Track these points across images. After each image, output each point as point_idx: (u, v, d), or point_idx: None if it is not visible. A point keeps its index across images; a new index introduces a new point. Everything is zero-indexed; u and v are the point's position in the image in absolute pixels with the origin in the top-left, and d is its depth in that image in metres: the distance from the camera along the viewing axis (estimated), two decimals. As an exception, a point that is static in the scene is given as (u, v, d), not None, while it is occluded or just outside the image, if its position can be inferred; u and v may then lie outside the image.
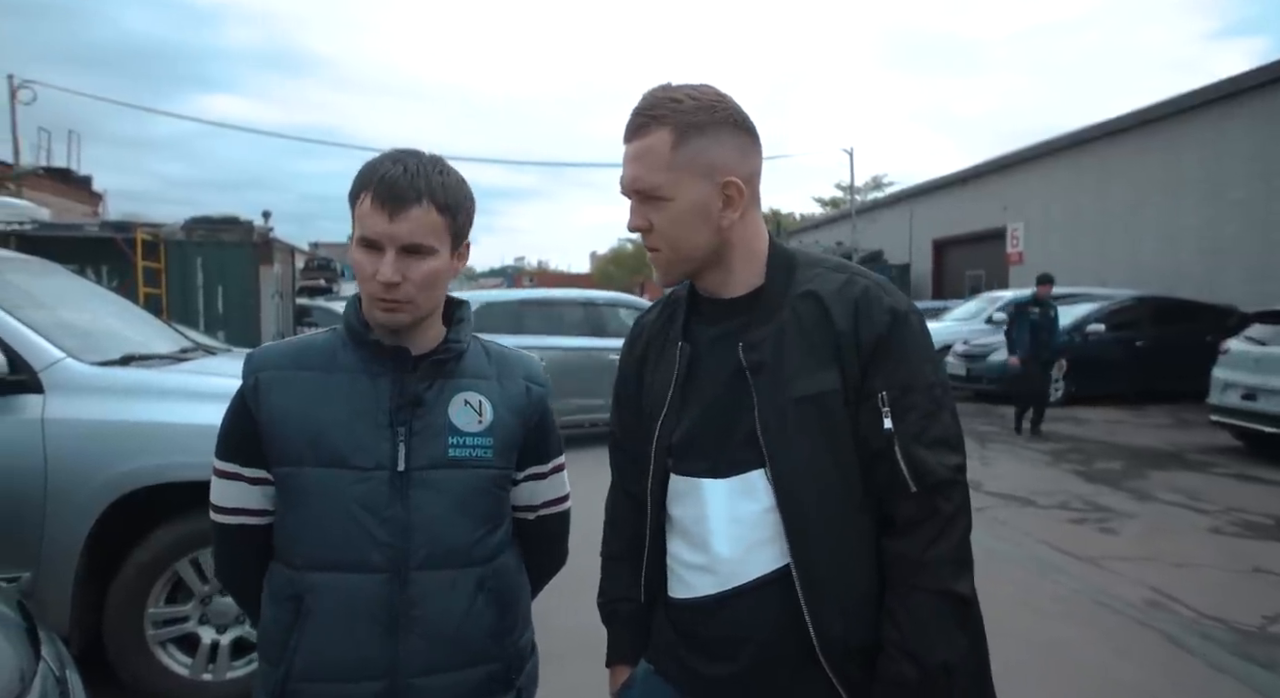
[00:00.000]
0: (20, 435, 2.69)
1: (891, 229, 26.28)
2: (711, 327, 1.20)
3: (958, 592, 1.08)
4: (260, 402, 1.23)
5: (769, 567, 1.12)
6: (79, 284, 3.97)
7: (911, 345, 1.12)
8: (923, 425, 1.09)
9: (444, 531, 1.24)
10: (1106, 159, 16.82)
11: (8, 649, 1.58)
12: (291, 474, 1.23)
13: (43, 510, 2.68)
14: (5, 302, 2.90)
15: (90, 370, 2.86)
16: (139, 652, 2.81)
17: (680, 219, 1.13)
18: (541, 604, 1.43)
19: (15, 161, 18.98)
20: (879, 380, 1.09)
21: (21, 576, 2.67)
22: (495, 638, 1.28)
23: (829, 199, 42.66)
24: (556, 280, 70.49)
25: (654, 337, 1.29)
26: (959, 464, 1.11)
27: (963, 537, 1.10)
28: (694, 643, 1.19)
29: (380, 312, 1.21)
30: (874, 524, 1.12)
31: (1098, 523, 5.67)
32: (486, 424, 1.28)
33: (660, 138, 1.12)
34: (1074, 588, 4.33)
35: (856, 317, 1.11)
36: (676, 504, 1.22)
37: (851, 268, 1.18)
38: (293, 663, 1.21)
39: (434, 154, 1.24)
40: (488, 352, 1.36)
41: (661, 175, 1.12)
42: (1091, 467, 7.60)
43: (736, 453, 1.14)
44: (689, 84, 1.16)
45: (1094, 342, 11.76)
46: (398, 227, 1.17)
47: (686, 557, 1.20)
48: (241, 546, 1.30)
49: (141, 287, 11.91)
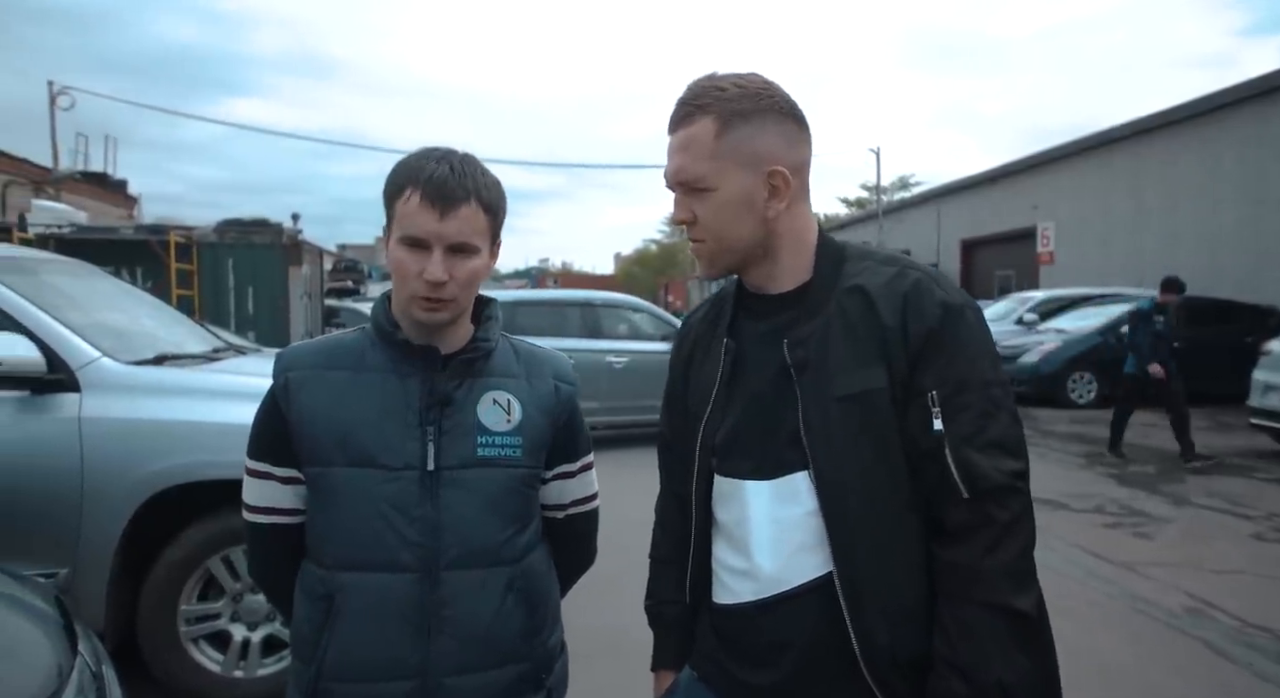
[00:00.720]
0: (57, 433, 2.74)
1: (919, 229, 26.02)
2: (758, 323, 1.17)
3: (1016, 607, 1.00)
4: (290, 401, 1.23)
5: (812, 574, 1.08)
6: (115, 285, 4.03)
7: (966, 341, 1.05)
8: (977, 427, 1.03)
9: (473, 530, 1.23)
10: (1140, 157, 16.52)
11: (46, 645, 1.60)
12: (321, 474, 1.22)
13: (79, 508, 2.72)
14: (44, 302, 2.95)
15: (125, 370, 2.90)
16: (172, 648, 2.84)
17: (724, 210, 1.10)
18: (569, 604, 1.42)
19: (54, 166, 19.37)
20: (929, 378, 1.04)
21: (59, 572, 2.72)
22: (525, 638, 1.28)
23: (854, 200, 42.33)
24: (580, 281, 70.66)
25: (701, 335, 1.26)
26: (1018, 470, 1.03)
27: (1023, 548, 1.03)
28: (736, 650, 1.16)
29: (422, 311, 1.20)
30: (923, 530, 1.06)
31: (1133, 528, 5.56)
32: (515, 423, 1.27)
33: (704, 127, 1.09)
34: (1109, 594, 4.24)
35: (905, 311, 1.05)
36: (720, 507, 1.19)
37: (903, 260, 1.13)
38: (324, 662, 1.21)
39: (467, 152, 1.24)
40: (516, 350, 1.35)
41: (705, 165, 1.09)
42: (1126, 470, 7.46)
43: (780, 454, 1.10)
44: (735, 73, 1.12)
45: (1128, 343, 11.54)
46: (447, 226, 1.17)
47: (729, 561, 1.17)
48: (274, 544, 1.30)
49: (174, 288, 12.12)
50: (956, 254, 23.71)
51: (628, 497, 2.95)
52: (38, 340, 2.75)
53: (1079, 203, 18.28)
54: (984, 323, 1.10)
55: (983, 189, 22.67)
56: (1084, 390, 11.57)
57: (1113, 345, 11.50)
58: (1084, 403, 11.48)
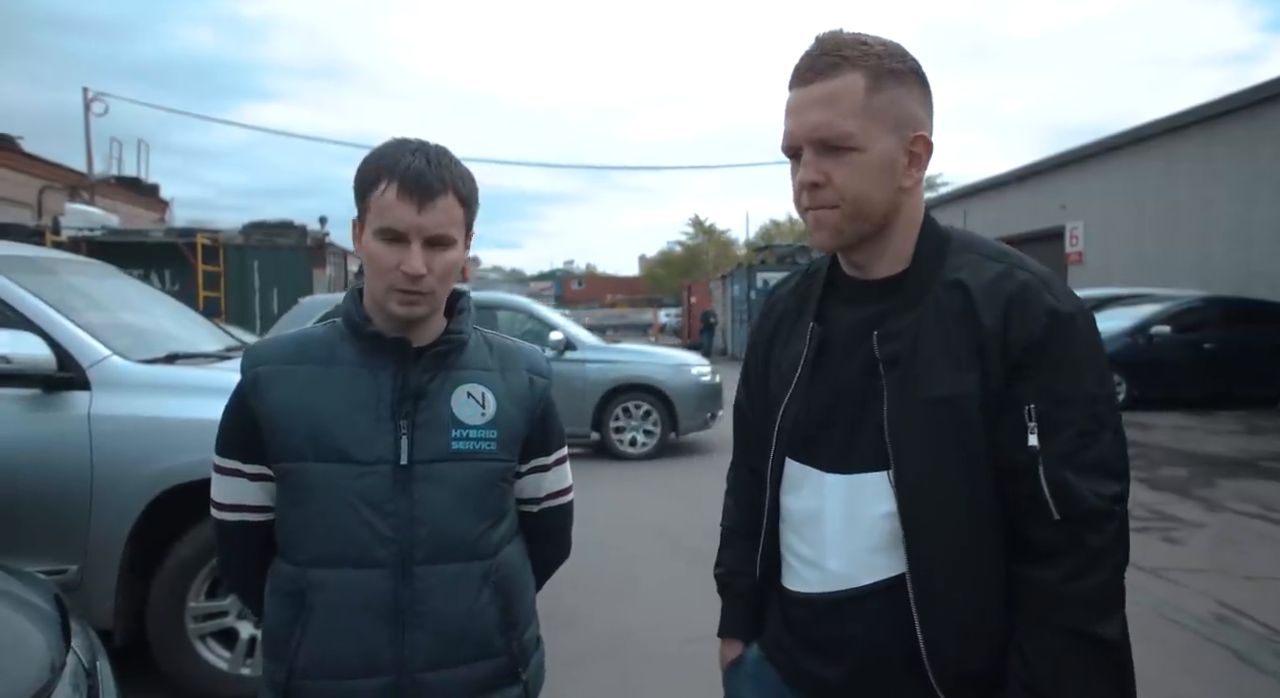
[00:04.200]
0: (68, 431, 2.76)
1: (945, 230, 25.73)
2: (848, 309, 1.11)
3: (1099, 634, 0.97)
4: (260, 397, 1.21)
5: (883, 574, 1.05)
6: (132, 285, 4.07)
7: (1074, 353, 0.99)
8: (1076, 446, 0.97)
9: (448, 524, 1.21)
10: (1172, 155, 16.20)
11: (40, 641, 1.61)
12: (292, 470, 1.20)
13: (88, 505, 2.74)
14: (57, 301, 2.97)
15: (135, 368, 2.91)
16: (180, 645, 2.85)
17: (868, 173, 1.02)
18: (581, 605, 1.38)
19: (89, 171, 19.76)
20: (1029, 390, 0.98)
21: (69, 568, 2.74)
22: (501, 632, 1.26)
23: (880, 200, 41.89)
24: (605, 284, 70.75)
25: (788, 310, 1.21)
26: (1117, 494, 0.98)
27: (1113, 575, 0.98)
28: (802, 640, 1.14)
29: (398, 305, 1.18)
30: (1002, 543, 1.02)
31: (1162, 533, 5.42)
32: (490, 417, 1.25)
33: (853, 81, 1.01)
34: (1134, 600, 4.07)
35: (1008, 316, 0.99)
36: (792, 492, 1.15)
37: (1013, 256, 1.06)
38: (297, 659, 1.19)
39: (440, 144, 1.22)
40: (489, 343, 1.33)
41: (854, 122, 1.01)
42: (1156, 474, 7.28)
43: (860, 450, 1.05)
44: (871, 33, 1.05)
45: (1158, 344, 11.32)
46: (426, 218, 1.15)
47: (799, 549, 1.14)
48: (243, 542, 1.29)
49: (201, 289, 12.31)
50: (983, 255, 23.41)
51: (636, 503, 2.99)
52: (49, 338, 2.77)
53: (1108, 202, 17.97)
54: (1095, 333, 1.03)
55: (1009, 189, 22.38)
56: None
57: (1142, 346, 11.30)
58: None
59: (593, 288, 71.07)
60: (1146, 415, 10.60)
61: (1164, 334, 11.36)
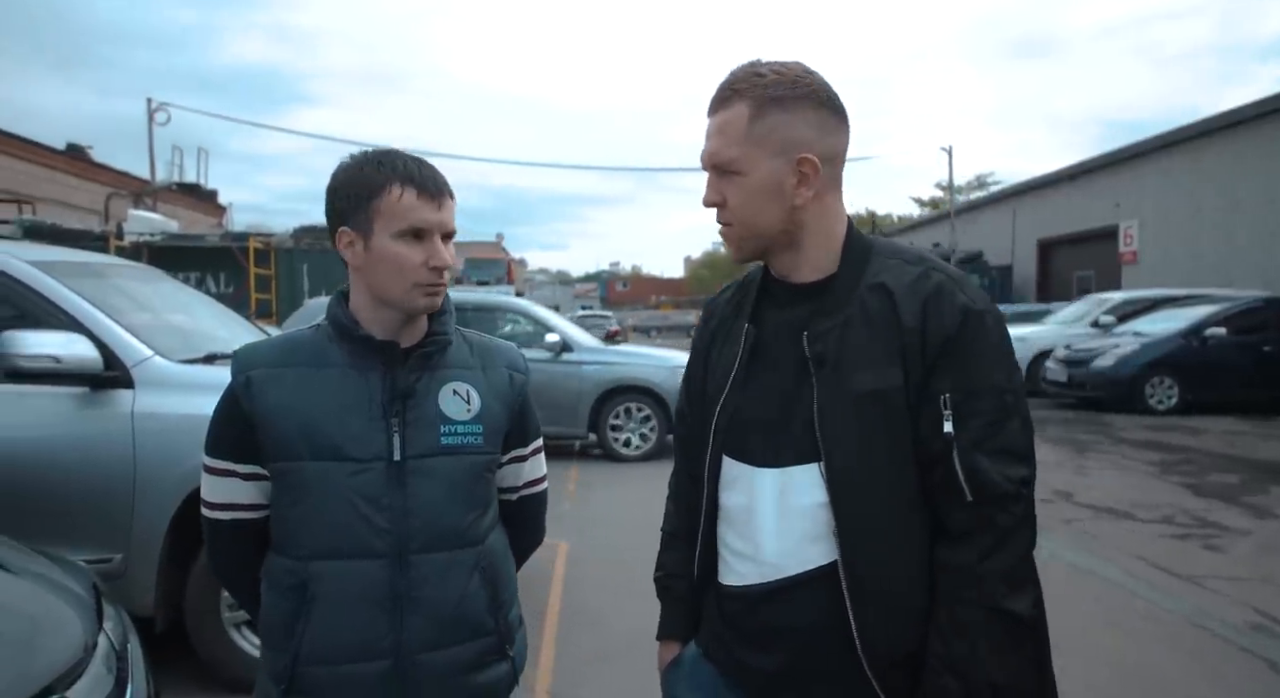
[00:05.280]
0: (113, 428, 2.92)
1: (993, 229, 25.22)
2: (780, 311, 1.19)
3: (1011, 610, 1.03)
4: (254, 399, 1.27)
5: (815, 563, 1.10)
6: (179, 288, 4.27)
7: (983, 347, 1.06)
8: (986, 433, 1.04)
9: (440, 515, 1.28)
10: (1235, 150, 15.63)
11: (76, 623, 1.72)
12: (289, 469, 1.26)
13: (131, 498, 2.90)
14: (105, 304, 3.15)
15: (176, 368, 3.07)
16: (215, 633, 2.99)
17: (752, 194, 1.12)
18: (603, 606, 1.44)
19: (151, 178, 20.51)
20: (944, 382, 1.05)
21: (113, 558, 2.90)
22: (491, 613, 1.33)
23: (928, 199, 41.33)
24: (650, 285, 70.85)
25: (725, 317, 1.28)
26: (1024, 477, 1.05)
27: (1023, 553, 1.05)
28: (738, 632, 1.18)
29: (423, 298, 1.26)
30: (928, 530, 1.08)
31: (1203, 540, 5.27)
32: (475, 412, 1.32)
33: (739, 111, 1.11)
34: (1168, 608, 4.04)
35: (926, 313, 1.06)
36: (728, 489, 1.21)
37: (930, 260, 1.14)
38: (301, 648, 1.25)
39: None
40: (469, 342, 1.40)
41: (737, 149, 1.11)
42: (1203, 480, 7.07)
43: (791, 444, 1.12)
44: (777, 60, 1.14)
45: (1213, 346, 10.97)
46: (442, 215, 1.26)
47: (735, 544, 1.20)
48: (234, 540, 1.35)
49: (253, 292, 12.69)
50: (1033, 254, 22.89)
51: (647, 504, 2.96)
52: (96, 339, 2.93)
53: (1165, 200, 17.43)
54: (1004, 329, 1.10)
55: (1061, 187, 21.84)
56: (1164, 396, 11.01)
57: (1196, 349, 10.95)
58: (1164, 409, 10.92)
59: (638, 289, 71.16)
60: (1198, 420, 10.28)
61: (1220, 336, 11.00)
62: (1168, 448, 8.56)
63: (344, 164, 1.29)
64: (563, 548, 4.92)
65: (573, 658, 3.44)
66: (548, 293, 55.81)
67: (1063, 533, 5.35)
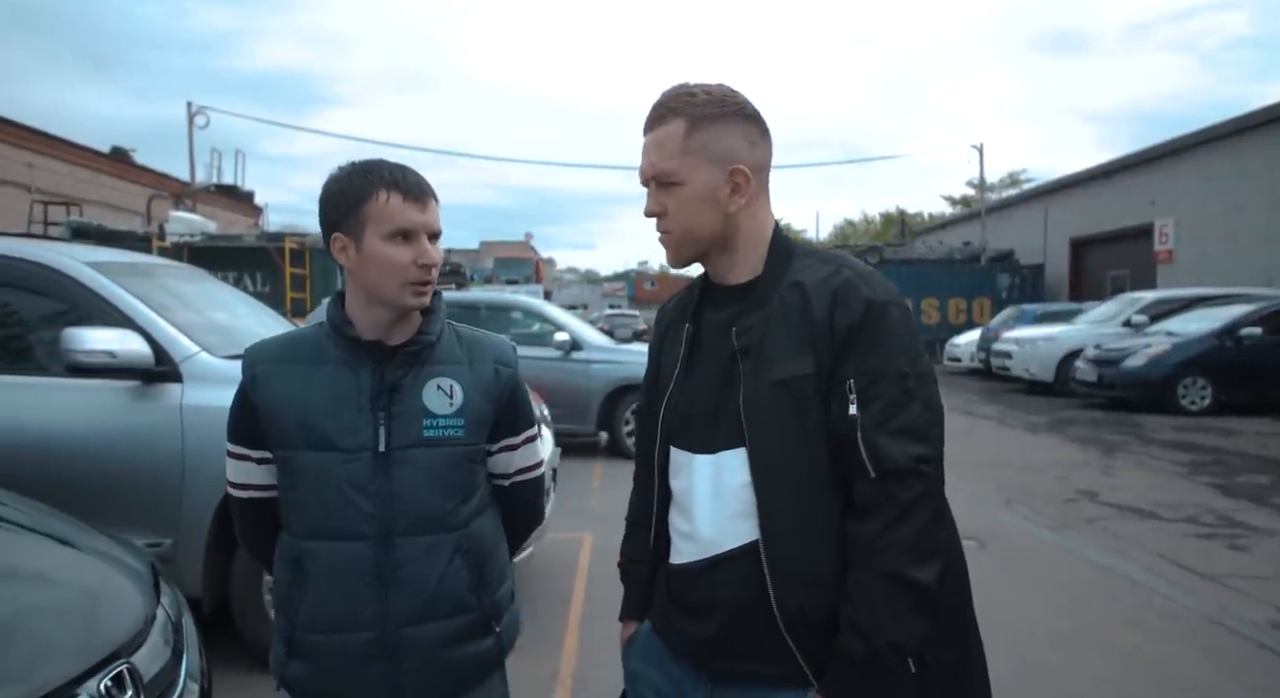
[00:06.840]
0: (163, 420, 3.10)
1: (1025, 228, 24.92)
2: (715, 311, 1.30)
3: (911, 577, 1.11)
4: (259, 392, 1.38)
5: (742, 540, 1.20)
6: (221, 288, 4.46)
7: (885, 335, 1.16)
8: (888, 414, 1.13)
9: (422, 501, 1.38)
10: (1275, 147, 15.30)
11: (138, 599, 1.87)
12: (288, 457, 1.38)
13: (180, 486, 3.07)
14: (155, 303, 3.33)
15: (220, 363, 3.23)
16: (258, 615, 3.14)
17: (691, 202, 1.22)
18: (613, 603, 1.52)
19: (191, 179, 21.00)
20: (849, 368, 1.15)
21: (164, 542, 3.07)
22: (474, 592, 1.43)
23: (960, 198, 40.86)
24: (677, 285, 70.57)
25: (672, 320, 1.40)
26: (922, 455, 1.14)
27: (924, 525, 1.13)
28: (680, 604, 1.29)
29: (413, 297, 1.36)
30: (841, 506, 1.17)
31: (1228, 539, 5.25)
32: (457, 406, 1.41)
33: (675, 127, 1.22)
34: (1188, 605, 4.06)
35: (833, 306, 1.17)
36: (674, 476, 1.32)
37: (841, 260, 1.25)
38: (297, 616, 1.38)
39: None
40: (460, 336, 1.49)
41: (675, 161, 1.21)
42: (1233, 480, 7.01)
43: (723, 431, 1.22)
44: (704, 82, 1.27)
45: (1248, 346, 10.81)
46: (427, 216, 1.36)
47: (680, 526, 1.31)
48: (253, 515, 1.49)
49: (289, 291, 12.98)
50: (1066, 253, 22.59)
51: None
52: (147, 336, 3.11)
53: (1203, 197, 17.12)
54: (907, 319, 1.20)
55: (1094, 185, 21.53)
56: (1196, 396, 10.87)
57: (1230, 349, 10.80)
58: (1196, 410, 10.78)
59: (665, 288, 71.04)
60: (1232, 421, 10.15)
61: (1255, 336, 10.84)
62: (1198, 449, 8.47)
63: (334, 175, 1.38)
64: (587, 540, 5.05)
65: (595, 644, 3.56)
66: (575, 292, 56.01)
67: (1085, 531, 5.37)
